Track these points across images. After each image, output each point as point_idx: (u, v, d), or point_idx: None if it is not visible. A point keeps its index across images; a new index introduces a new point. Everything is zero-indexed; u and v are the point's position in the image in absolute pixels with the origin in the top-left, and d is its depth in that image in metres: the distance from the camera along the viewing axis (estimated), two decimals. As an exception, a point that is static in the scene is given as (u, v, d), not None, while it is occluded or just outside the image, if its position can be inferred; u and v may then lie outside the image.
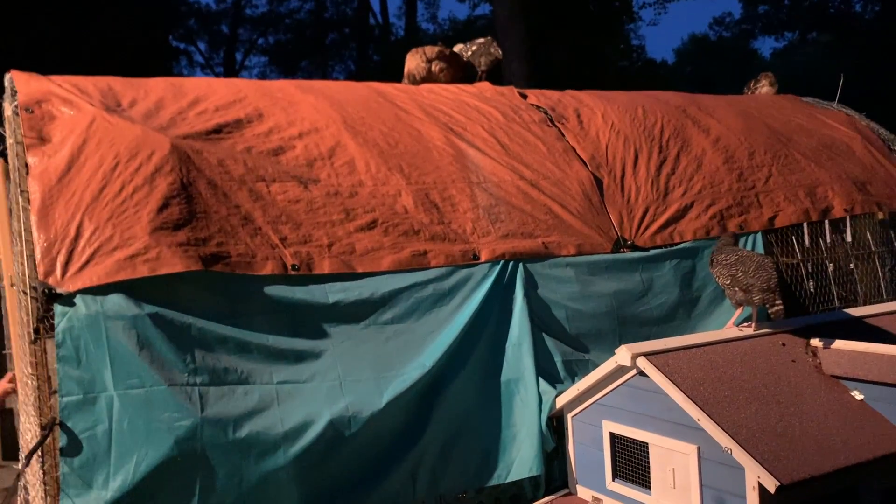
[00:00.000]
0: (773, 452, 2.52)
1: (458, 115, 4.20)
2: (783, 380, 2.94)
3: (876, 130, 5.69)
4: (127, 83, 3.63)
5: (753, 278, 3.16)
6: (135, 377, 2.69)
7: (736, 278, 3.24)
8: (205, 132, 3.39)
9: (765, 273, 3.16)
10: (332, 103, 3.90)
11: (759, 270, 3.17)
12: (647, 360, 2.83)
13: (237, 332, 2.91)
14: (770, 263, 3.22)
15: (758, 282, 3.15)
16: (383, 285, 3.25)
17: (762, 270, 3.17)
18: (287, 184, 3.33)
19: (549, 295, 3.57)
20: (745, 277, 3.20)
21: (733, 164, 4.56)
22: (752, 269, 3.19)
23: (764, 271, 3.17)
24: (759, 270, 3.17)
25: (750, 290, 3.18)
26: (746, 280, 3.19)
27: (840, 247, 4.61)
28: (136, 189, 2.98)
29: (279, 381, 2.93)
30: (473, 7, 26.02)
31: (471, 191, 3.73)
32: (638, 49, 21.88)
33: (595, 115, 4.50)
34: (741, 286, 3.22)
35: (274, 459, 2.81)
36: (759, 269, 3.18)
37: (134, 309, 2.75)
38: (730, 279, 3.27)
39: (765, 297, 3.14)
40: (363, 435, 2.97)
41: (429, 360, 3.17)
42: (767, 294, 3.13)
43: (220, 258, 2.97)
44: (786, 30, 31.46)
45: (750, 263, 3.22)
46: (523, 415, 3.30)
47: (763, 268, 3.18)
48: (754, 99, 5.87)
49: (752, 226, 4.28)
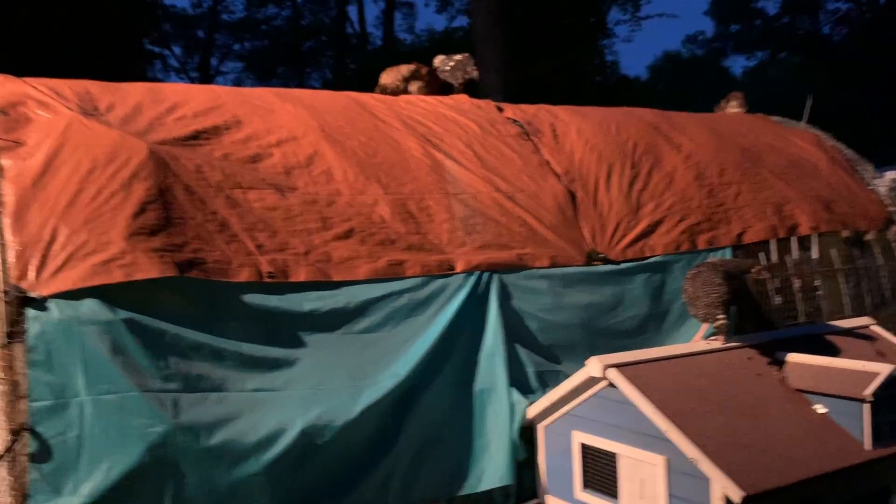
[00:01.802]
0: (739, 464, 2.57)
1: (435, 126, 4.24)
2: (749, 393, 3.01)
3: (841, 151, 5.84)
4: (105, 87, 3.61)
5: (701, 292, 3.20)
6: (107, 383, 2.67)
7: (687, 292, 3.28)
8: (182, 138, 3.39)
9: (708, 288, 3.18)
10: (310, 112, 3.92)
11: (706, 286, 3.19)
12: (618, 372, 2.88)
13: (212, 338, 2.91)
14: (718, 280, 3.19)
15: (703, 296, 3.19)
16: (359, 294, 3.26)
17: (708, 286, 3.18)
18: (264, 191, 3.34)
19: (523, 306, 3.61)
20: (693, 291, 3.24)
21: (704, 180, 4.66)
22: (700, 284, 3.22)
23: (709, 287, 3.18)
24: (706, 286, 3.19)
25: (696, 305, 3.23)
26: (695, 294, 3.23)
27: (806, 264, 4.72)
28: (113, 194, 2.97)
29: (253, 388, 2.93)
30: (451, 19, 26.25)
31: (447, 202, 3.76)
32: (612, 65, 22.18)
33: (570, 130, 4.57)
34: (690, 300, 3.27)
35: (246, 467, 2.80)
36: (705, 285, 3.19)
37: (108, 314, 2.73)
38: (684, 293, 3.32)
39: (708, 311, 3.18)
40: (336, 443, 2.98)
41: (403, 370, 3.19)
42: (710, 309, 3.17)
43: (196, 264, 2.97)
44: (757, 49, 32.16)
45: (700, 279, 3.24)
46: (495, 424, 3.33)
47: (709, 283, 3.19)
48: (725, 117, 6.00)
49: (721, 241, 4.37)
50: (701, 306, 3.21)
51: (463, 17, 24.49)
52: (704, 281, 3.21)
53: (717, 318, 3.17)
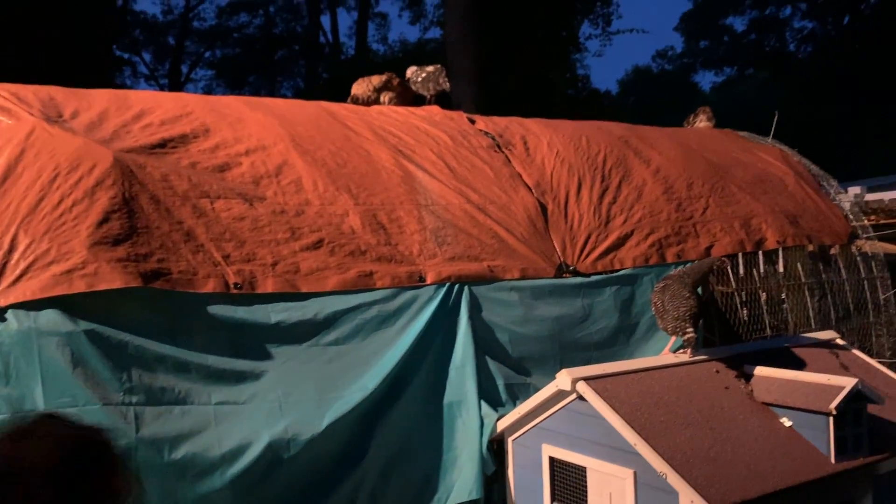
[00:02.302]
0: (706, 477, 2.58)
1: (407, 137, 4.23)
2: (716, 406, 3.02)
3: (807, 166, 5.95)
4: (70, 93, 3.55)
5: (669, 305, 3.25)
6: (67, 395, 2.61)
7: (657, 306, 3.32)
8: (149, 146, 3.34)
9: (677, 301, 3.23)
10: (280, 121, 3.88)
11: (674, 299, 3.24)
12: (587, 385, 2.88)
13: (176, 350, 2.85)
14: (686, 293, 3.25)
15: (671, 309, 3.23)
16: (328, 306, 3.23)
17: (676, 299, 3.23)
18: (232, 201, 3.30)
19: (493, 318, 3.60)
20: (661, 305, 3.29)
21: (672, 194, 4.70)
22: (668, 297, 3.26)
23: (677, 300, 3.23)
24: (674, 299, 3.24)
25: (665, 318, 3.27)
26: (663, 307, 3.27)
27: (772, 277, 4.78)
28: (76, 202, 2.91)
29: (218, 401, 2.87)
30: (424, 30, 26.31)
31: (418, 213, 3.75)
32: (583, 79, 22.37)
33: (541, 143, 4.59)
34: (659, 313, 3.31)
35: (211, 481, 2.75)
36: (673, 298, 3.24)
37: (69, 325, 2.67)
38: (653, 306, 3.36)
39: (676, 324, 3.23)
40: (302, 457, 2.93)
41: (372, 382, 3.16)
42: (679, 322, 3.21)
43: (161, 275, 2.91)
44: (725, 65, 32.75)
45: (668, 292, 3.28)
46: (465, 438, 3.31)
47: (677, 296, 3.24)
48: (693, 132, 6.08)
49: (689, 255, 4.41)
50: (669, 319, 3.25)
51: (436, 29, 24.58)
52: (673, 294, 3.25)
53: (685, 331, 3.21)
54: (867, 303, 5.18)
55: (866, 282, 5.23)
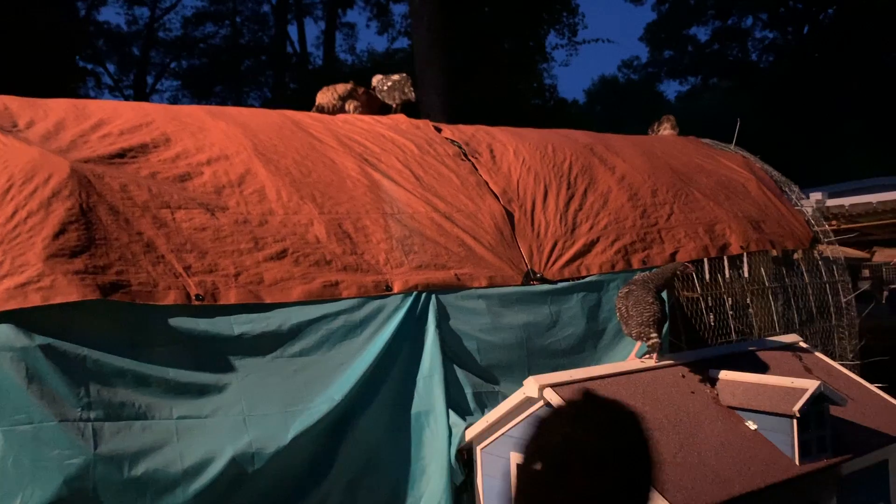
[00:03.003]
0: (673, 482, 2.59)
1: (373, 146, 4.21)
2: (682, 410, 3.04)
3: (769, 172, 6.04)
4: (25, 103, 3.47)
5: (633, 311, 3.29)
6: (22, 412, 2.53)
7: (621, 312, 3.37)
8: (108, 156, 3.27)
9: (641, 307, 3.27)
10: (243, 130, 3.84)
11: (638, 304, 3.29)
12: (554, 392, 2.88)
13: (136, 364, 2.79)
14: (650, 298, 3.30)
15: (635, 315, 3.27)
16: (292, 316, 3.18)
17: (639, 304, 3.28)
18: (193, 211, 3.24)
19: (461, 326, 3.58)
20: (626, 310, 3.33)
21: (637, 201, 4.74)
22: (632, 303, 3.31)
23: (641, 305, 3.28)
24: (638, 304, 3.29)
25: (629, 324, 3.31)
26: (627, 313, 3.32)
27: (737, 282, 4.83)
28: (31, 214, 2.84)
29: (179, 415, 2.81)
30: (392, 40, 26.31)
31: (385, 222, 3.72)
32: (550, 88, 22.50)
33: (507, 151, 4.59)
34: (623, 319, 3.34)
35: (172, 498, 2.68)
36: (637, 304, 3.29)
37: (24, 340, 2.59)
38: (618, 312, 3.40)
39: (640, 330, 3.27)
40: (268, 471, 2.88)
41: (338, 394, 3.11)
42: (643, 328, 3.26)
43: (120, 287, 2.85)
44: (689, 74, 33.23)
45: (631, 297, 3.33)
46: (433, 448, 3.29)
47: (641, 302, 3.29)
48: (658, 140, 6.14)
49: (654, 261, 4.44)
50: (633, 325, 3.28)
51: (404, 39, 24.62)
52: (637, 300, 3.28)
53: (650, 336, 3.23)
54: (829, 306, 5.26)
55: (828, 285, 5.32)
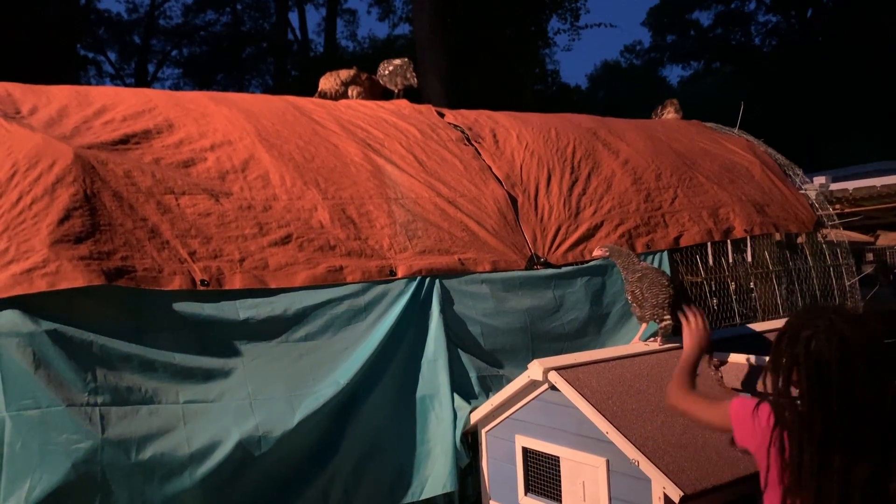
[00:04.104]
0: (678, 464, 2.59)
1: (376, 131, 4.20)
2: (687, 393, 3.04)
3: (773, 156, 6.02)
4: (28, 89, 3.47)
5: (648, 293, 3.32)
6: (29, 397, 2.55)
7: (635, 294, 3.39)
8: (111, 142, 3.27)
9: (656, 289, 3.31)
10: (246, 115, 3.83)
11: (653, 287, 3.33)
12: (559, 375, 2.88)
13: (142, 349, 2.80)
14: (664, 281, 3.36)
15: (650, 297, 3.31)
16: (297, 301, 3.19)
17: (654, 286, 3.32)
18: (197, 196, 3.25)
19: (465, 311, 3.59)
20: (640, 293, 3.36)
21: (641, 185, 4.73)
22: (647, 286, 3.35)
23: (656, 287, 3.32)
24: (653, 287, 3.33)
25: (643, 306, 3.35)
26: (642, 296, 3.35)
27: (741, 266, 4.83)
28: (35, 200, 2.84)
29: (186, 400, 2.83)
30: (393, 27, 26.23)
31: (388, 207, 3.72)
32: (553, 73, 22.47)
33: (510, 136, 4.58)
34: (637, 301, 3.37)
35: (180, 482, 2.70)
36: (652, 286, 3.33)
37: (30, 325, 2.60)
38: (631, 295, 3.42)
39: (654, 311, 3.31)
40: (274, 455, 2.90)
41: (343, 378, 3.13)
42: (657, 309, 3.30)
43: (125, 272, 2.86)
44: (692, 59, 33.09)
45: (646, 280, 3.37)
46: (438, 431, 3.30)
47: (656, 284, 3.33)
48: (661, 123, 6.11)
49: (658, 245, 4.44)
50: (648, 307, 3.31)
51: (405, 25, 24.52)
52: (651, 282, 3.32)
53: (663, 318, 3.25)
54: (833, 290, 5.26)
55: (832, 269, 5.32)
